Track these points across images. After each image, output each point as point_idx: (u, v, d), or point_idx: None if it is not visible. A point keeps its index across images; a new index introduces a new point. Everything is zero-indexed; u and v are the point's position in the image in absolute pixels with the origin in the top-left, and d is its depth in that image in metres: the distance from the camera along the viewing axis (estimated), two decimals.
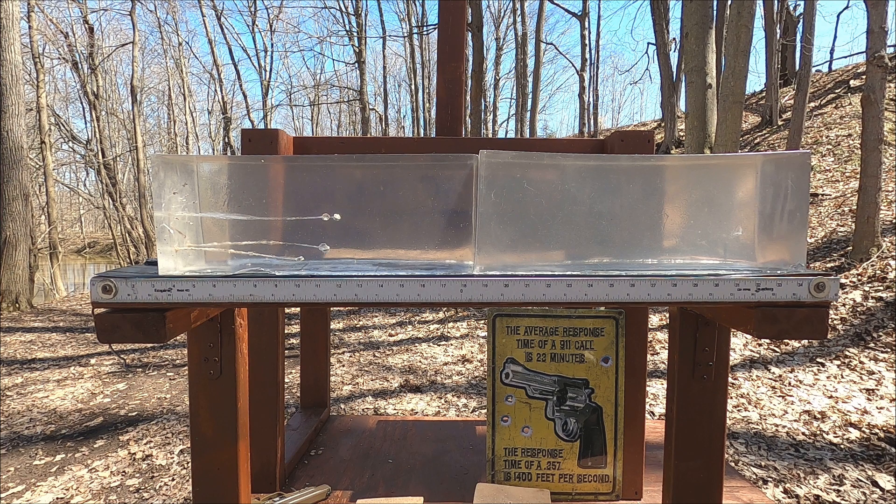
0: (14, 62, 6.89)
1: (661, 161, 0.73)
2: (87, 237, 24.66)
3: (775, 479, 2.19)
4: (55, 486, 2.36)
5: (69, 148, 16.70)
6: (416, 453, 1.29)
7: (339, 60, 30.23)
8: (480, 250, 0.62)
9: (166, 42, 19.09)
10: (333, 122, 29.26)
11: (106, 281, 0.59)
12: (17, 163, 6.92)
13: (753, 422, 2.77)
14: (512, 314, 1.07)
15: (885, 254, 4.48)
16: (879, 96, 4.42)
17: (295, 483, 1.14)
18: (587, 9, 16.38)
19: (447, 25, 1.29)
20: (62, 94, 18.99)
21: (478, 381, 3.71)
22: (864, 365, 3.28)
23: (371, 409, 3.24)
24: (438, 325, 5.42)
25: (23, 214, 7.02)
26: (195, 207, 0.62)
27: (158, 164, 0.62)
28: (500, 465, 1.08)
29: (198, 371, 0.77)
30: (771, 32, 10.01)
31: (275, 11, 21.29)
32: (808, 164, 0.63)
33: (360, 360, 4.33)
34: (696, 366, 0.79)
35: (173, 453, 2.67)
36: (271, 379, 1.06)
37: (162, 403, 3.46)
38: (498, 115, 23.32)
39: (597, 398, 1.05)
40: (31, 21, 10.59)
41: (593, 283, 0.60)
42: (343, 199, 0.63)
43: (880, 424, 2.60)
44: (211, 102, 25.26)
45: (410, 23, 20.86)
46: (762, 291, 0.60)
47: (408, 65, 22.98)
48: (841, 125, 8.56)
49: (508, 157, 0.61)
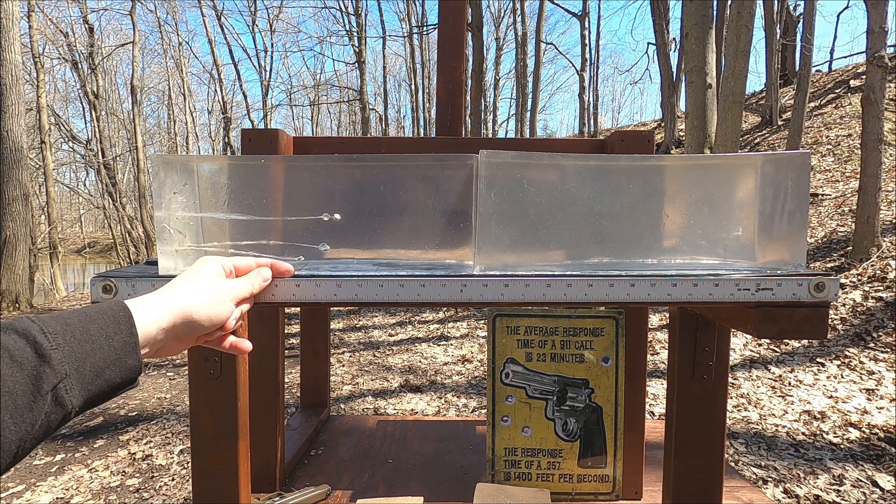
0: (14, 62, 6.89)
1: (661, 161, 0.73)
2: (87, 237, 24.67)
3: (775, 479, 2.19)
4: (55, 486, 2.36)
5: (69, 148, 16.72)
6: (416, 453, 1.29)
7: (339, 60, 30.26)
8: (480, 250, 0.62)
9: (166, 42, 19.10)
10: (333, 122, 29.27)
11: (106, 281, 0.59)
12: (17, 163, 6.91)
13: (753, 422, 2.77)
14: (512, 314, 1.07)
15: (885, 254, 4.48)
16: (879, 96, 4.42)
17: (295, 483, 1.14)
18: (587, 9, 16.39)
19: (447, 25, 1.29)
20: (62, 94, 18.99)
21: (478, 381, 3.71)
22: (864, 365, 3.28)
23: (371, 409, 3.24)
24: (438, 325, 5.42)
25: (23, 214, 7.02)
26: (195, 207, 0.62)
27: (158, 164, 0.62)
28: (500, 465, 1.08)
29: (198, 371, 0.77)
30: (771, 32, 10.01)
31: (275, 11, 21.29)
32: (808, 164, 0.63)
33: (360, 360, 4.33)
34: (696, 366, 0.79)
35: (173, 453, 2.67)
36: (271, 379, 1.06)
37: (162, 403, 3.47)
38: (498, 115, 23.34)
39: (597, 398, 1.05)
40: (31, 21, 10.59)
41: (593, 283, 0.60)
42: (343, 199, 0.63)
43: (880, 424, 2.60)
44: (211, 102, 25.27)
45: (410, 23, 20.87)
46: (762, 291, 0.60)
47: (408, 65, 22.99)
48: (841, 125, 8.56)
49: (508, 157, 0.61)
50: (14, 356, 0.36)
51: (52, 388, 0.37)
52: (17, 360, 0.36)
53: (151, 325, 0.46)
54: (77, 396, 0.39)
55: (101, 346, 0.41)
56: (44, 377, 0.37)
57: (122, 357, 0.42)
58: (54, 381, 0.37)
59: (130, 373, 0.43)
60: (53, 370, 0.37)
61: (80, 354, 0.39)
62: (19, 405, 0.35)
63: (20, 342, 0.37)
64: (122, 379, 0.43)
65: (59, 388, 0.38)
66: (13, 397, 0.35)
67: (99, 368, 0.41)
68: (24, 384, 0.36)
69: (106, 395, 0.42)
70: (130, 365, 0.43)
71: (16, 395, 0.35)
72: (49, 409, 0.37)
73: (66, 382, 0.38)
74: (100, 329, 0.42)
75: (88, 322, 0.41)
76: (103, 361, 0.41)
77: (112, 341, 0.42)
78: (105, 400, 0.42)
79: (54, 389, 0.37)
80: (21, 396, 0.35)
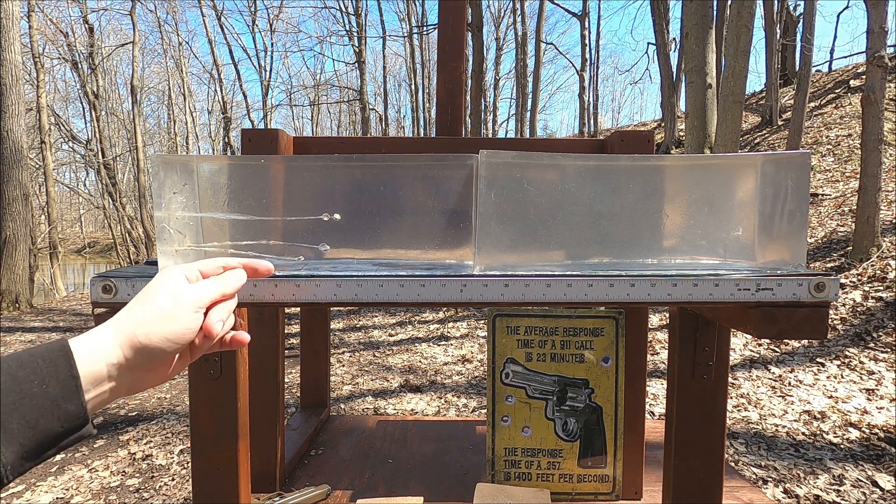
0: (14, 62, 6.89)
1: (661, 161, 0.73)
2: (87, 237, 24.66)
3: (775, 479, 2.19)
4: (55, 486, 2.36)
5: (69, 148, 16.72)
6: (416, 453, 1.29)
7: (339, 60, 30.26)
8: (480, 250, 0.62)
9: (166, 42, 19.10)
10: (333, 122, 29.26)
11: (106, 281, 0.59)
12: (17, 163, 6.92)
13: (753, 422, 2.77)
14: (512, 314, 1.07)
15: (885, 254, 4.48)
16: (879, 96, 4.42)
17: (295, 483, 1.14)
18: (587, 9, 16.39)
19: (447, 25, 1.29)
20: (62, 94, 18.99)
21: (478, 381, 3.71)
22: (864, 365, 3.28)
23: (371, 408, 3.24)
24: (438, 325, 5.42)
25: (23, 214, 7.02)
26: (195, 207, 0.62)
27: (158, 164, 0.62)
28: (500, 465, 1.08)
29: (198, 371, 0.77)
30: (771, 32, 10.01)
31: (275, 11, 21.29)
32: (808, 164, 0.63)
33: (360, 360, 4.33)
34: (696, 366, 0.79)
35: (173, 453, 2.67)
36: (271, 379, 1.06)
37: (162, 403, 3.47)
38: (498, 115, 23.33)
39: (597, 398, 1.05)
40: (31, 21, 10.59)
41: (593, 283, 0.60)
42: (343, 199, 0.63)
43: (880, 424, 2.60)
44: (211, 102, 25.27)
45: (410, 23, 20.87)
46: (762, 291, 0.60)
47: (408, 65, 22.99)
48: (841, 125, 8.56)
49: (508, 157, 0.61)
50: None
51: None
52: None
53: (98, 361, 0.42)
54: (7, 453, 0.35)
55: (34, 394, 0.37)
56: None
57: (59, 403, 0.38)
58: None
59: (72, 420, 0.39)
60: None
61: (6, 406, 0.36)
62: None
63: None
64: (64, 428, 0.38)
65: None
66: None
67: (31, 419, 0.37)
68: None
69: (48, 445, 0.38)
70: (71, 411, 0.39)
71: None
72: None
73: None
74: (30, 374, 0.38)
75: (19, 367, 0.38)
76: (36, 411, 0.37)
77: (47, 387, 0.38)
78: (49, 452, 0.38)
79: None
80: None
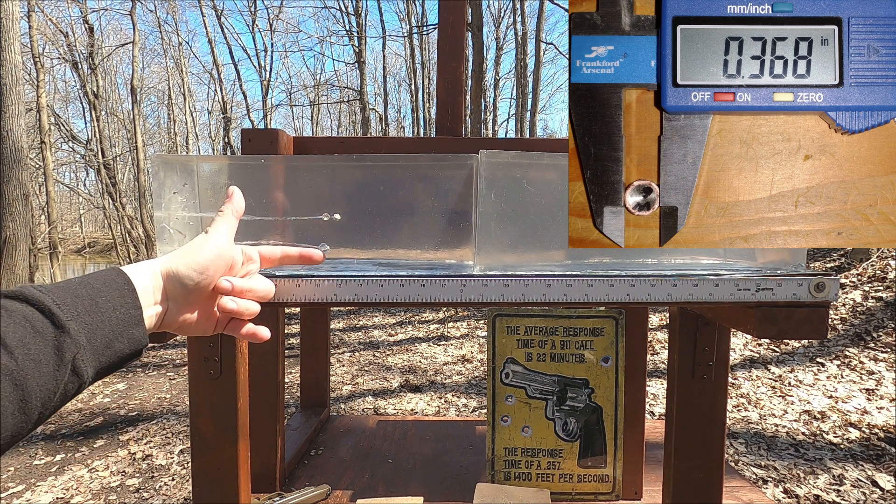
0: (14, 62, 6.89)
1: None
2: (87, 237, 24.64)
3: (775, 479, 2.19)
4: (55, 486, 2.36)
5: (69, 148, 16.70)
6: (416, 453, 1.29)
7: (339, 60, 30.19)
8: (480, 250, 0.62)
9: (166, 42, 19.08)
10: (333, 122, 29.24)
11: None
12: (17, 163, 6.91)
13: (753, 422, 2.77)
14: (512, 314, 1.07)
15: (885, 254, 4.48)
16: None
17: (295, 483, 1.14)
18: None
19: (447, 25, 1.29)
20: (62, 94, 18.98)
21: (478, 381, 3.71)
22: (864, 365, 3.28)
23: (371, 408, 3.24)
24: (438, 324, 5.42)
25: (23, 214, 7.02)
26: (195, 207, 0.62)
27: (158, 164, 0.62)
28: (500, 465, 1.08)
29: (198, 371, 0.77)
30: None
31: (275, 11, 21.26)
32: None
33: (360, 360, 4.33)
34: (696, 366, 0.79)
35: (173, 453, 2.67)
36: (271, 379, 1.06)
37: (162, 403, 3.47)
38: (498, 115, 23.28)
39: (597, 398, 1.05)
40: (31, 21, 10.59)
41: (593, 283, 0.60)
42: (343, 199, 0.63)
43: (880, 424, 2.60)
44: (211, 102, 25.23)
45: (410, 23, 20.85)
46: (762, 291, 0.60)
47: (408, 65, 22.97)
48: None
49: (508, 157, 0.61)
50: (36, 327, 0.37)
51: (73, 359, 0.38)
52: (39, 331, 0.37)
53: (148, 286, 0.46)
54: (91, 367, 0.40)
55: (110, 318, 0.42)
56: (65, 347, 0.38)
57: (128, 328, 0.43)
58: (74, 352, 0.38)
59: (137, 344, 0.44)
60: (73, 340, 0.38)
61: (91, 326, 0.40)
62: (44, 373, 0.37)
63: (37, 313, 0.38)
64: (130, 350, 0.44)
65: (77, 359, 0.39)
66: (39, 366, 0.36)
67: (108, 340, 0.41)
68: (48, 354, 0.37)
69: (115, 366, 0.43)
70: (136, 336, 0.44)
71: (41, 363, 0.36)
72: (68, 378, 0.38)
73: (82, 353, 0.39)
74: (107, 301, 0.42)
75: (95, 294, 0.42)
76: (112, 333, 0.42)
77: (118, 313, 0.43)
78: (112, 371, 0.43)
79: (73, 360, 0.38)
80: (45, 365, 0.37)
